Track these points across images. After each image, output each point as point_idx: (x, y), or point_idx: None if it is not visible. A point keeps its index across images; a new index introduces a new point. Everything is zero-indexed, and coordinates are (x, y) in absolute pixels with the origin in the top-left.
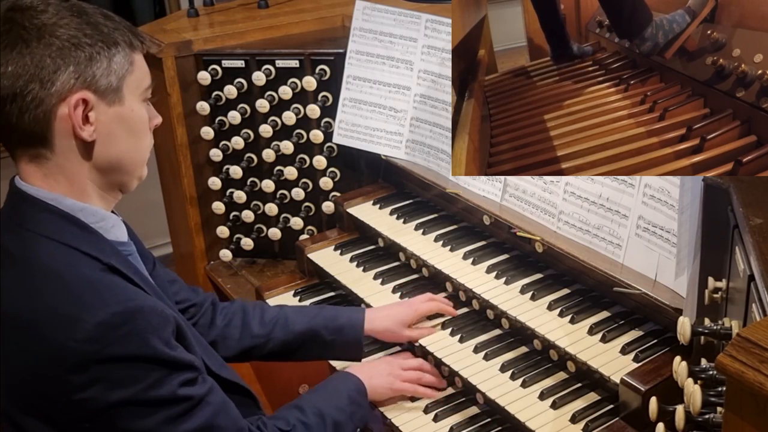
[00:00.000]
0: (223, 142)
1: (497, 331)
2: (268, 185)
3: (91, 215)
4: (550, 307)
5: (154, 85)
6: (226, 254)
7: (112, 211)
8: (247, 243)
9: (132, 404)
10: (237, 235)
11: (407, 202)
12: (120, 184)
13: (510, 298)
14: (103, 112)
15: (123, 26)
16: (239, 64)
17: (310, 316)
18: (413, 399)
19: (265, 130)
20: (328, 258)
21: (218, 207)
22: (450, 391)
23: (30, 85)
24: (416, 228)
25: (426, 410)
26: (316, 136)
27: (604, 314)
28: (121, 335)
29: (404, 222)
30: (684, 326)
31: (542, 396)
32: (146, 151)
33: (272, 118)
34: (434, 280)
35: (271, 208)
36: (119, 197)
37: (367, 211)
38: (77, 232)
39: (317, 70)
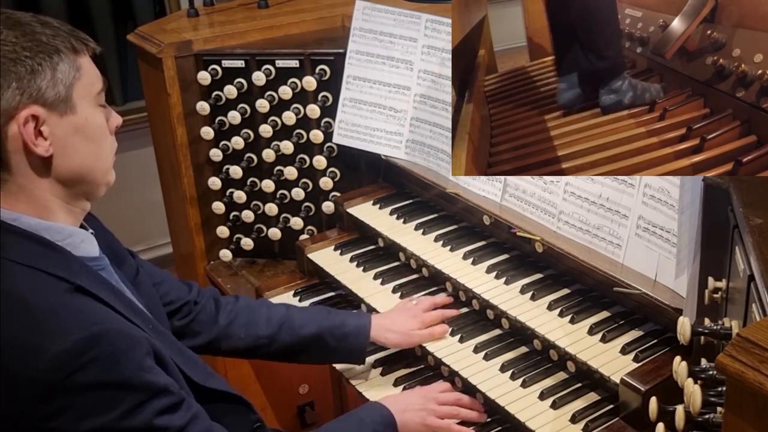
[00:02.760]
0: (223, 142)
1: (497, 331)
2: (268, 185)
3: (57, 233)
4: (550, 307)
5: (155, 85)
6: (226, 254)
7: (83, 225)
8: (247, 243)
9: None
10: (237, 235)
11: (407, 202)
12: (86, 193)
13: (510, 298)
14: (56, 125)
15: (63, 31)
16: (239, 64)
17: (317, 321)
18: None
19: (265, 130)
20: (328, 258)
21: (218, 207)
22: None
23: None
24: (416, 228)
25: None
26: (316, 136)
27: (604, 314)
28: (86, 362)
29: (404, 222)
30: (684, 326)
31: (542, 396)
32: (108, 156)
33: (272, 118)
34: (434, 280)
35: (271, 208)
36: (88, 207)
37: (367, 211)
38: (42, 252)
39: (317, 70)
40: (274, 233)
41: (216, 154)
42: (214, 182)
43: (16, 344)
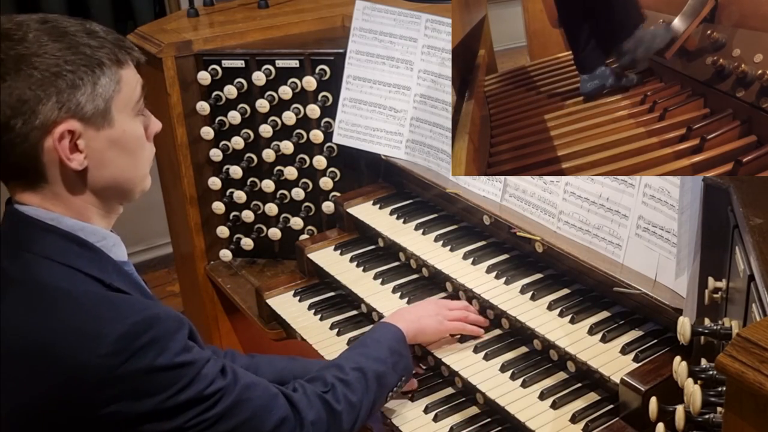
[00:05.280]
0: (223, 142)
1: (497, 331)
2: (268, 185)
3: (92, 234)
4: (550, 307)
5: (155, 85)
6: (226, 254)
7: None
8: (247, 243)
9: (160, 411)
10: (237, 235)
11: (407, 202)
12: (120, 199)
13: (510, 298)
14: (93, 138)
15: (108, 42)
16: (239, 64)
17: (280, 367)
18: (413, 394)
19: (265, 130)
20: (328, 258)
21: (218, 207)
22: (450, 391)
23: (12, 120)
24: (416, 228)
25: (426, 410)
26: (316, 136)
27: (604, 314)
28: (143, 345)
29: (404, 222)
30: (684, 326)
31: (542, 396)
32: (146, 165)
33: (272, 118)
34: (434, 280)
35: (271, 208)
36: (120, 211)
37: (367, 211)
38: (79, 252)
39: (317, 70)
40: (274, 233)
41: (216, 154)
42: (214, 182)
43: (72, 334)
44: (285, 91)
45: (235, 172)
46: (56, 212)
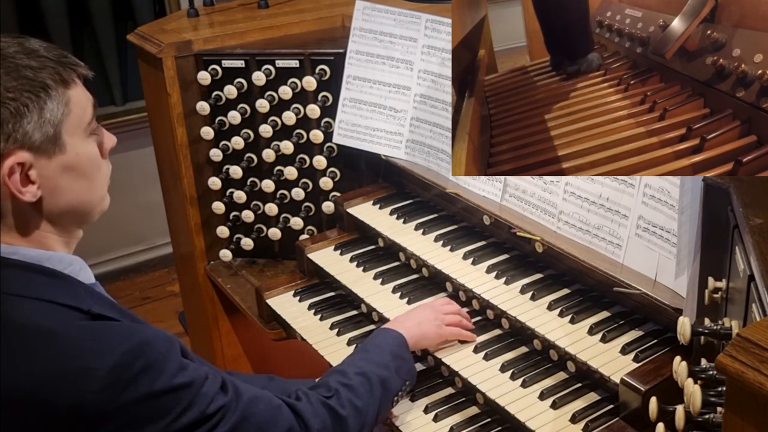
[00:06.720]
0: (223, 142)
1: (497, 331)
2: (268, 185)
3: (59, 261)
4: (550, 307)
5: (155, 85)
6: (226, 254)
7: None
8: (247, 243)
9: None
10: (237, 235)
11: (407, 202)
12: (79, 223)
13: (510, 298)
14: (44, 167)
15: (51, 61)
16: (239, 64)
17: (258, 387)
18: (413, 394)
19: (265, 130)
20: (328, 258)
21: (218, 207)
22: (450, 391)
23: None
24: (416, 228)
25: (426, 410)
26: (316, 136)
27: (604, 314)
28: (137, 373)
29: (404, 222)
30: (684, 326)
31: (542, 396)
32: (103, 185)
33: (272, 118)
34: (434, 280)
35: (271, 208)
36: (80, 235)
37: (367, 211)
38: (48, 282)
39: (317, 70)
40: (274, 233)
41: (216, 154)
42: (214, 182)
43: (61, 373)
44: (285, 91)
45: (235, 172)
46: (17, 245)
